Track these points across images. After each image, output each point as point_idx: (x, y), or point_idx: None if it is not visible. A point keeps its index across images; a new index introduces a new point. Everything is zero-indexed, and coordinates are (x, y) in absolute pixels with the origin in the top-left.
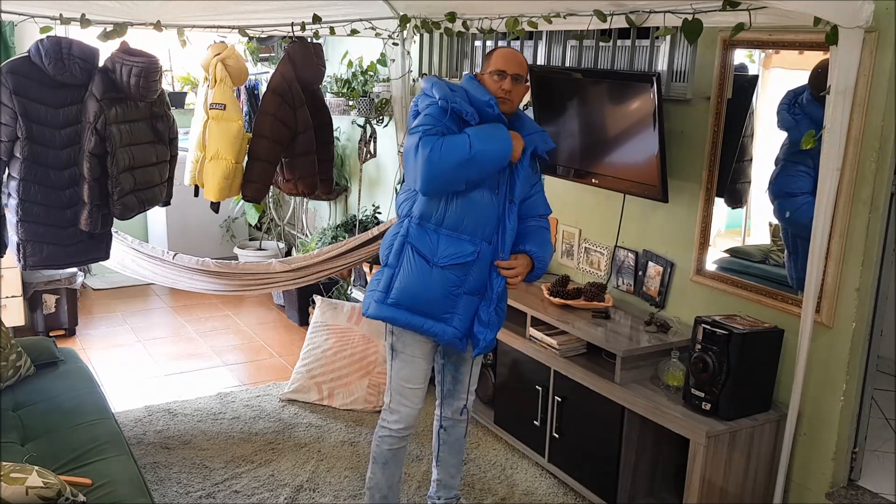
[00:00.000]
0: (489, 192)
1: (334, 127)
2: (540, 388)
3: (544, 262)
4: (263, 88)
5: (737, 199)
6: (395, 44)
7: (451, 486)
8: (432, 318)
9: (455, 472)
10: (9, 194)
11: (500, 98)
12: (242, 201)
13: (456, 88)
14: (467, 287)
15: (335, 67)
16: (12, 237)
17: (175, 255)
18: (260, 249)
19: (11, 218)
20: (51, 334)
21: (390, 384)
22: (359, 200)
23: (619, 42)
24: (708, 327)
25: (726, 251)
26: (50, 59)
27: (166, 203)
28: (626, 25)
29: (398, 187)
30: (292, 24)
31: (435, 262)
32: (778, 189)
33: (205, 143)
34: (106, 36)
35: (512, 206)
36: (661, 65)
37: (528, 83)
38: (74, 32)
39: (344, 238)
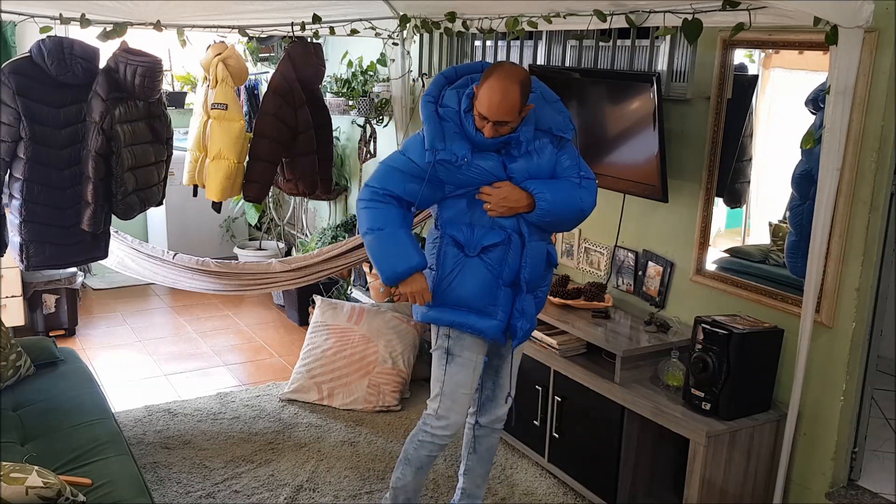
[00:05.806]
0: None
1: (334, 127)
2: (540, 388)
3: (546, 199)
4: (263, 88)
5: (736, 198)
6: (395, 44)
7: (475, 496)
8: (476, 312)
9: (481, 483)
10: (11, 195)
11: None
12: (243, 201)
13: (450, 115)
14: (504, 278)
15: (335, 67)
16: (14, 238)
17: (175, 254)
18: (260, 249)
19: (14, 219)
20: (51, 334)
21: (442, 389)
22: None
23: (618, 42)
24: (708, 327)
25: (726, 251)
26: (53, 60)
27: (159, 203)
28: (626, 25)
29: None
30: (292, 24)
31: (470, 250)
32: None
33: (204, 143)
34: (106, 36)
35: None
36: (661, 65)
37: (527, 108)
38: (74, 32)
39: (344, 238)
